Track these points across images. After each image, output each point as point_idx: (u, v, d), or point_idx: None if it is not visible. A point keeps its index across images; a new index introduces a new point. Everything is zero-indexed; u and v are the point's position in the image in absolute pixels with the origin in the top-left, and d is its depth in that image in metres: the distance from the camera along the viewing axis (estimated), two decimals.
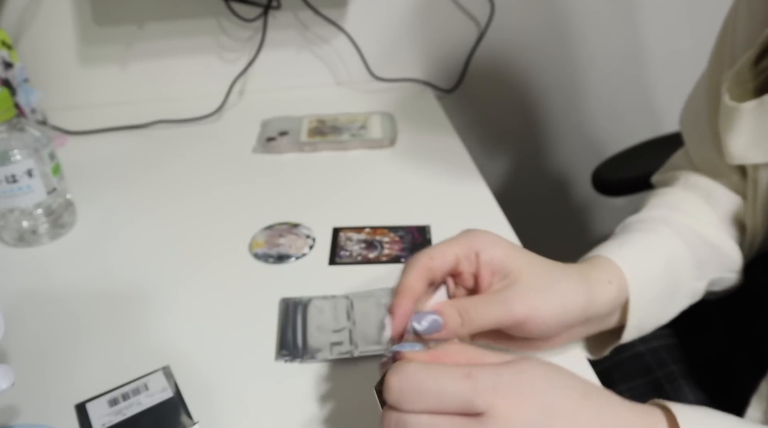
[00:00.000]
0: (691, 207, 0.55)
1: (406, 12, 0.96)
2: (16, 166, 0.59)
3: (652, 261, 0.48)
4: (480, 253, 0.41)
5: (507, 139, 1.16)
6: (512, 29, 1.02)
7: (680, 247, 0.50)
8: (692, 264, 0.51)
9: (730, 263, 0.54)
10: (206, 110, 0.89)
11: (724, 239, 0.54)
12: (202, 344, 0.50)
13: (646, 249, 0.49)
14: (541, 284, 0.42)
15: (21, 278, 0.59)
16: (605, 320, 0.47)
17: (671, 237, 0.51)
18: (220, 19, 0.91)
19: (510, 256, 0.42)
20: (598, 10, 1.04)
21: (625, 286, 0.46)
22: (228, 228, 0.64)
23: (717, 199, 0.55)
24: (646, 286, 0.47)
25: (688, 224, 0.53)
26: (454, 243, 0.42)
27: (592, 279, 0.45)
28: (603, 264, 0.47)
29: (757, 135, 0.47)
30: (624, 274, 0.46)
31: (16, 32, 0.87)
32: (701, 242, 0.52)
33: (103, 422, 0.42)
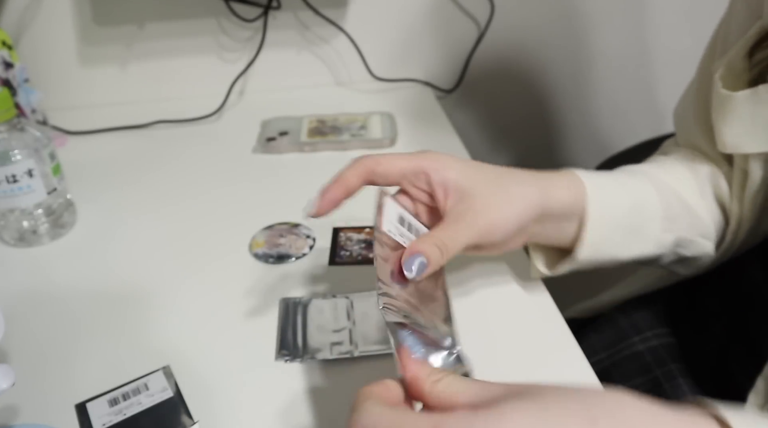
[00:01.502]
0: (675, 169, 0.56)
1: (406, 12, 0.96)
2: (17, 166, 0.59)
3: (620, 193, 0.49)
4: (431, 174, 0.43)
5: (507, 139, 1.16)
6: (512, 29, 1.02)
7: (653, 195, 0.51)
8: (662, 215, 0.51)
9: (703, 228, 0.54)
10: (206, 110, 0.89)
11: (700, 204, 0.54)
12: (202, 344, 0.50)
13: (617, 182, 0.51)
14: (497, 196, 0.43)
15: (21, 278, 0.59)
16: (561, 224, 0.48)
17: (646, 185, 0.51)
18: (220, 19, 0.91)
19: (463, 176, 0.43)
20: (599, 9, 1.04)
21: (583, 198, 0.47)
22: (228, 228, 0.64)
23: (701, 172, 0.56)
24: (607, 209, 0.48)
25: (667, 181, 0.53)
26: (403, 159, 0.44)
27: (547, 183, 0.46)
28: (565, 175, 0.48)
29: (750, 125, 0.48)
30: (585, 189, 0.47)
31: (16, 32, 0.87)
32: (676, 199, 0.53)
33: (104, 422, 0.42)
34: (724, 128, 0.49)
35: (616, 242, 0.49)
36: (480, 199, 0.43)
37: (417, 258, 0.39)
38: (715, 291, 0.61)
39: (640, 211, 0.50)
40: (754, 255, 0.56)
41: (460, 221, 0.42)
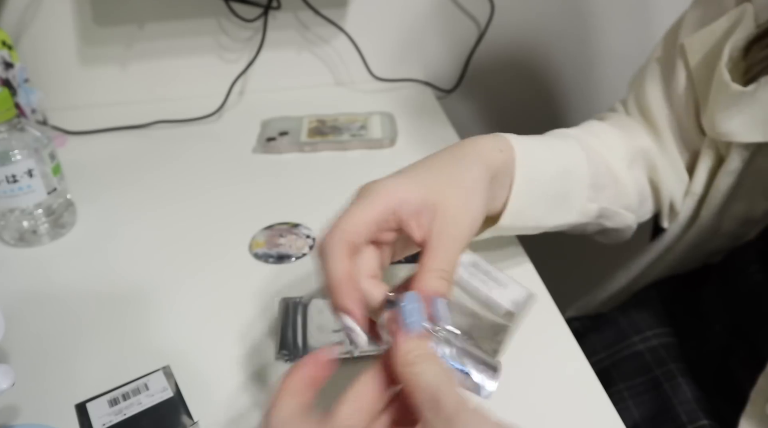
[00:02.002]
0: (607, 136, 0.57)
1: (406, 12, 0.96)
2: (17, 166, 0.59)
3: (548, 158, 0.49)
4: (398, 210, 0.39)
5: None
6: (512, 29, 1.02)
7: (582, 163, 0.51)
8: (588, 183, 0.51)
9: (627, 200, 0.55)
10: (206, 110, 0.89)
11: (626, 175, 0.55)
12: (202, 344, 0.50)
13: (546, 146, 0.51)
14: (460, 196, 0.41)
15: (21, 278, 0.59)
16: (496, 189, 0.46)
17: (577, 150, 0.52)
18: (220, 19, 0.91)
19: (422, 191, 0.40)
20: (599, 9, 1.04)
21: (512, 162, 0.46)
22: (228, 229, 0.64)
23: (636, 144, 0.57)
24: (534, 175, 0.48)
25: (597, 148, 0.54)
26: (364, 213, 0.38)
27: (486, 151, 0.45)
28: (496, 139, 0.47)
29: (749, 116, 0.49)
30: (514, 153, 0.47)
31: (16, 32, 0.87)
32: (604, 168, 0.53)
33: (104, 422, 0.42)
34: (722, 116, 0.50)
35: (540, 210, 0.49)
36: (450, 208, 0.40)
37: (438, 302, 0.35)
38: (716, 290, 0.61)
39: (568, 178, 0.50)
40: (754, 255, 0.57)
41: (445, 239, 0.39)
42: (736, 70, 0.50)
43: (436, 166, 0.43)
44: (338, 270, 0.36)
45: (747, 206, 0.56)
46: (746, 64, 0.50)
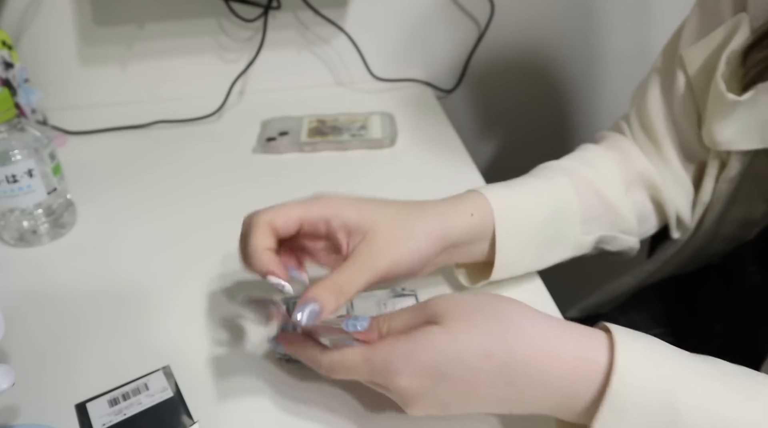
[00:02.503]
0: (603, 164, 0.57)
1: (406, 12, 0.96)
2: (17, 166, 0.59)
3: (531, 208, 0.50)
4: (331, 220, 0.43)
5: (507, 140, 1.16)
6: (512, 29, 1.02)
7: (572, 200, 0.52)
8: (581, 219, 0.52)
9: (624, 224, 0.56)
10: (206, 110, 0.89)
11: (623, 202, 0.56)
12: (202, 344, 0.50)
13: (531, 193, 0.51)
14: (397, 234, 0.43)
15: (21, 278, 0.59)
16: (471, 248, 0.48)
17: (565, 188, 0.52)
18: (220, 19, 0.91)
19: (363, 216, 0.43)
20: (599, 9, 1.04)
21: (491, 221, 0.48)
22: (228, 229, 0.64)
23: (632, 163, 0.58)
24: (517, 229, 0.49)
25: (590, 179, 0.55)
26: (299, 207, 0.43)
27: (450, 212, 0.47)
28: (470, 199, 0.49)
29: (746, 124, 0.49)
30: (492, 212, 0.48)
31: (16, 32, 0.87)
32: (597, 198, 0.54)
33: (104, 422, 0.42)
34: (720, 128, 0.50)
35: (530, 257, 0.51)
36: (381, 239, 0.43)
37: (308, 306, 0.39)
38: (715, 291, 0.61)
39: (556, 219, 0.51)
40: (753, 255, 0.57)
41: (359, 263, 0.42)
42: (735, 78, 0.50)
43: (390, 205, 0.45)
44: (259, 244, 0.42)
45: (746, 210, 0.56)
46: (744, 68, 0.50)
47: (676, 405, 0.31)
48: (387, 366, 0.36)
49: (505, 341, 0.35)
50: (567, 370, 0.34)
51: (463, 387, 0.35)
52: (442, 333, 0.36)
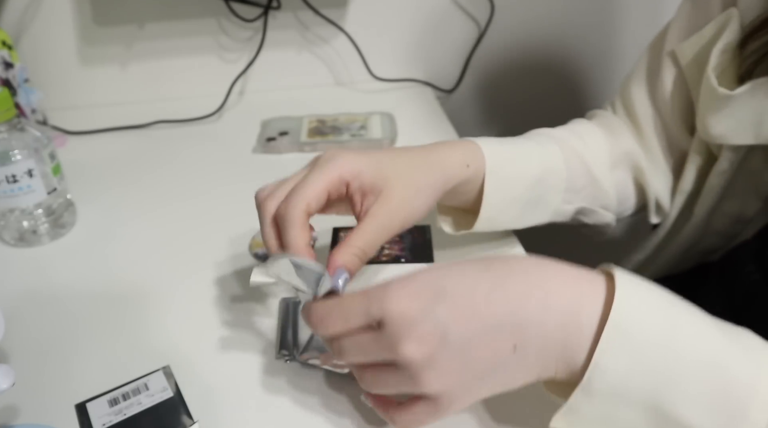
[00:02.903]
0: (591, 138, 0.59)
1: (406, 12, 0.96)
2: (17, 166, 0.59)
3: (521, 168, 0.52)
4: (350, 183, 0.43)
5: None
6: (512, 29, 1.02)
7: (560, 167, 0.54)
8: (565, 187, 0.54)
9: (605, 200, 0.59)
10: (206, 110, 0.89)
11: (606, 178, 0.58)
12: (202, 344, 0.50)
13: (522, 153, 0.53)
14: (409, 192, 0.45)
15: (21, 278, 0.59)
16: (459, 195, 0.51)
17: (555, 156, 0.54)
18: (220, 19, 0.91)
19: (378, 175, 0.44)
20: (599, 10, 1.04)
21: (482, 173, 0.50)
22: (228, 229, 0.64)
23: (620, 142, 0.60)
24: (503, 186, 0.51)
25: (579, 151, 0.57)
26: (323, 181, 0.42)
27: (449, 162, 0.48)
28: (468, 149, 0.50)
29: (740, 118, 0.50)
30: (485, 163, 0.50)
31: (16, 32, 0.87)
32: (583, 170, 0.56)
33: (104, 422, 0.42)
34: (714, 122, 0.52)
35: (512, 214, 0.53)
36: (395, 199, 0.44)
37: (342, 275, 0.40)
38: (713, 291, 0.61)
39: (542, 183, 0.53)
40: (751, 255, 0.57)
41: (377, 224, 0.43)
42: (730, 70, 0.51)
43: (400, 160, 0.46)
44: (300, 242, 0.41)
45: (740, 205, 0.57)
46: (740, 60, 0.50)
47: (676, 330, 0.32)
48: (385, 291, 0.34)
49: (505, 261, 0.36)
50: (568, 282, 0.34)
51: (463, 304, 0.33)
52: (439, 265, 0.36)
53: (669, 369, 0.32)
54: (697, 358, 0.32)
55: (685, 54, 0.56)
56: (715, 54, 0.51)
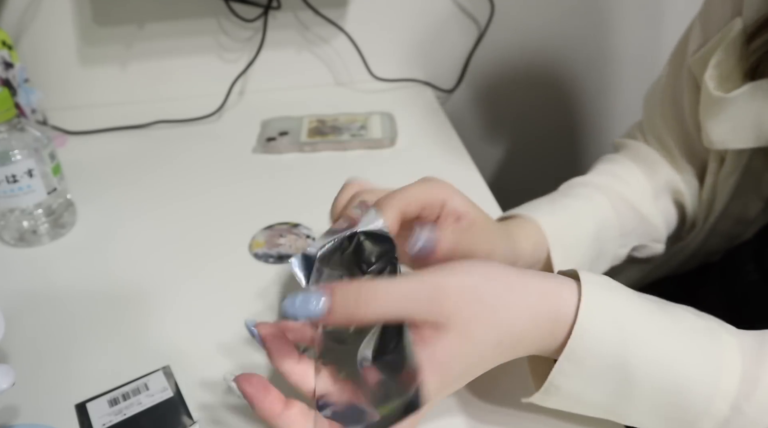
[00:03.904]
0: (632, 177, 0.60)
1: (406, 12, 0.96)
2: (17, 166, 0.59)
3: (580, 231, 0.53)
4: (446, 203, 0.43)
5: (507, 139, 1.16)
6: (512, 29, 1.02)
7: (611, 216, 0.55)
8: (618, 233, 0.56)
9: (655, 233, 0.60)
10: (206, 110, 0.89)
11: (654, 213, 0.59)
12: (202, 344, 0.50)
13: (577, 217, 0.54)
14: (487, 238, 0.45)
15: (21, 278, 0.59)
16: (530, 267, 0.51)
17: (604, 207, 0.56)
18: (220, 19, 0.91)
19: (468, 207, 0.44)
20: (599, 9, 1.04)
21: (544, 248, 0.50)
22: (228, 229, 0.64)
23: (658, 173, 0.61)
24: (569, 254, 0.51)
25: (624, 194, 0.58)
26: (422, 192, 0.42)
27: (514, 235, 0.49)
28: (527, 226, 0.50)
29: (739, 122, 0.50)
30: (546, 240, 0.50)
31: (16, 32, 0.87)
32: (632, 213, 0.57)
33: (104, 422, 0.42)
34: (713, 126, 0.51)
35: None
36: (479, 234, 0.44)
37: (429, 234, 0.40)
38: (714, 291, 0.61)
39: (599, 239, 0.54)
40: (751, 255, 0.57)
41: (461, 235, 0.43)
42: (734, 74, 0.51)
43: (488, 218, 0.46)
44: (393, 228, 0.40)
45: (742, 206, 0.57)
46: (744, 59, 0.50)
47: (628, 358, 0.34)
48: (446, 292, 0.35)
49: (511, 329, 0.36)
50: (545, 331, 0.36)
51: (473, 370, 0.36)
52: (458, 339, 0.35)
53: (621, 391, 0.35)
54: (650, 384, 0.34)
55: (697, 66, 0.55)
56: (714, 60, 0.51)
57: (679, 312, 0.37)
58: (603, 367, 0.35)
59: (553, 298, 0.36)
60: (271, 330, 0.38)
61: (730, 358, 0.34)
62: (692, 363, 0.34)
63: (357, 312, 0.34)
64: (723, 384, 0.34)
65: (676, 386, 0.34)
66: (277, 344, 0.38)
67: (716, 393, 0.34)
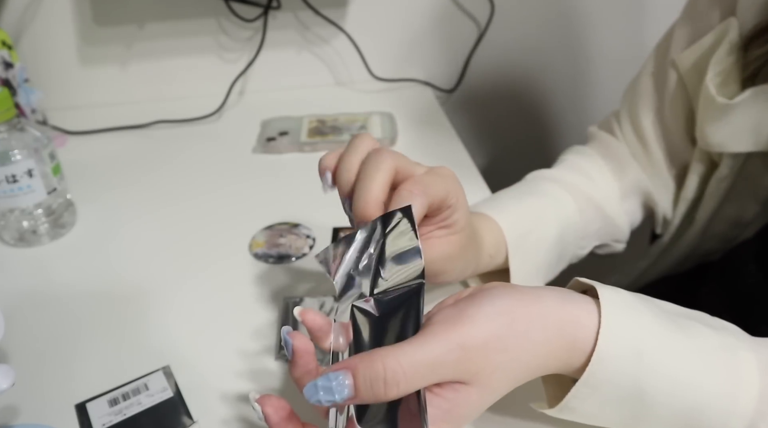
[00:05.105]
0: (600, 177, 0.61)
1: (406, 12, 0.96)
2: (17, 166, 0.59)
3: (542, 233, 0.53)
4: (452, 213, 0.42)
5: (507, 139, 1.16)
6: (512, 29, 1.02)
7: (575, 218, 0.56)
8: (581, 235, 0.57)
9: (618, 234, 0.61)
10: (206, 110, 0.89)
11: (618, 213, 0.60)
12: (202, 344, 0.50)
13: (539, 218, 0.53)
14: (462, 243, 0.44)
15: (21, 278, 0.59)
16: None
17: (569, 208, 0.56)
18: (220, 19, 0.91)
19: (465, 222, 0.43)
20: (599, 10, 1.04)
21: (504, 250, 0.50)
22: (228, 229, 0.64)
23: (627, 173, 0.61)
24: (527, 258, 0.51)
25: (590, 194, 0.58)
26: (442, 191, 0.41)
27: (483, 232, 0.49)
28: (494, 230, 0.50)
29: (739, 126, 0.50)
30: (506, 241, 0.50)
31: (16, 32, 0.87)
32: (597, 214, 0.59)
33: (104, 422, 0.42)
34: (713, 131, 0.51)
35: (538, 279, 0.54)
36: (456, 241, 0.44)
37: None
38: (714, 291, 0.61)
39: (561, 242, 0.54)
40: (751, 255, 0.57)
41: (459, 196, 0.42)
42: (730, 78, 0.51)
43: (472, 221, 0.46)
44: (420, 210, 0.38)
45: (738, 209, 0.57)
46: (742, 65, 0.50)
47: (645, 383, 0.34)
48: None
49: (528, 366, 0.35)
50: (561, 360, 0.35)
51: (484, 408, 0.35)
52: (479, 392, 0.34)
53: (637, 414, 0.35)
54: (667, 407, 0.34)
55: (684, 64, 0.56)
56: (714, 63, 0.51)
57: (695, 327, 0.36)
58: (620, 392, 0.34)
59: (572, 328, 0.35)
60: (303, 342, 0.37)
61: (747, 376, 0.34)
62: (709, 384, 0.34)
63: (383, 392, 0.31)
64: (740, 404, 0.33)
65: (693, 408, 0.34)
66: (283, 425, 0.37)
67: (733, 413, 0.33)
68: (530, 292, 0.35)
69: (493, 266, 0.50)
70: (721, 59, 0.51)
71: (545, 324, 0.34)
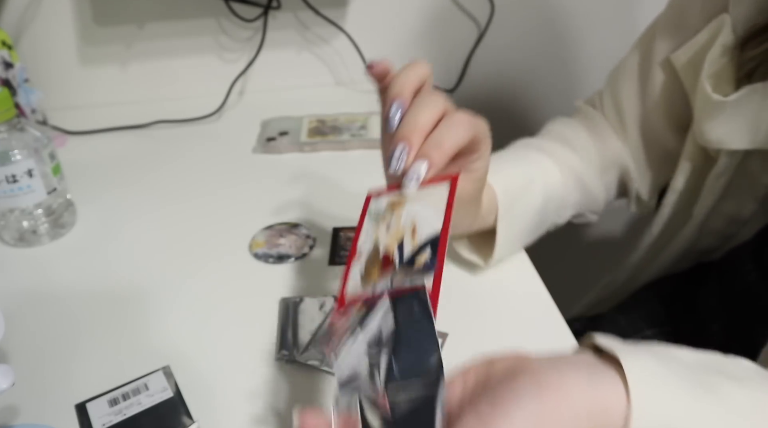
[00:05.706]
0: (583, 149, 0.63)
1: (406, 12, 0.96)
2: (17, 166, 0.59)
3: (528, 201, 0.55)
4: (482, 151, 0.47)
5: (507, 140, 1.15)
6: (512, 29, 1.02)
7: (558, 189, 0.58)
8: (561, 205, 0.59)
9: (594, 206, 0.64)
10: (206, 110, 0.89)
11: (597, 185, 0.63)
12: (202, 344, 0.50)
13: (528, 184, 0.55)
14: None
15: (21, 278, 0.59)
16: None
17: (554, 178, 0.58)
18: (220, 19, 0.91)
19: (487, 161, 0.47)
20: (599, 10, 1.04)
21: (494, 209, 0.52)
22: (228, 229, 0.64)
23: (608, 147, 0.64)
24: (515, 223, 0.54)
25: (573, 166, 0.61)
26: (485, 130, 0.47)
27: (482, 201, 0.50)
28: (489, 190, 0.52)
29: (736, 124, 0.51)
30: (497, 204, 0.52)
31: (16, 32, 0.87)
32: (577, 185, 0.61)
33: (103, 422, 0.43)
34: (711, 128, 0.52)
35: (517, 246, 0.57)
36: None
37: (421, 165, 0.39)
38: (713, 290, 0.61)
39: (543, 210, 0.56)
40: (750, 254, 0.57)
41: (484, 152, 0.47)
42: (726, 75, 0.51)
43: None
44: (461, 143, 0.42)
45: (736, 206, 0.57)
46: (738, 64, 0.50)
47: None
48: None
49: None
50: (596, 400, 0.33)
51: None
52: None
53: None
54: None
55: (680, 61, 0.56)
56: (709, 60, 0.51)
57: (721, 386, 0.34)
58: None
59: (602, 419, 0.33)
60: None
61: None
62: None
63: None
64: None
65: None
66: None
67: None
68: (555, 383, 0.32)
69: (482, 225, 0.51)
70: (715, 59, 0.51)
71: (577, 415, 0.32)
